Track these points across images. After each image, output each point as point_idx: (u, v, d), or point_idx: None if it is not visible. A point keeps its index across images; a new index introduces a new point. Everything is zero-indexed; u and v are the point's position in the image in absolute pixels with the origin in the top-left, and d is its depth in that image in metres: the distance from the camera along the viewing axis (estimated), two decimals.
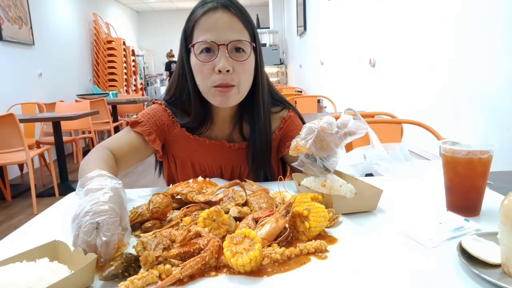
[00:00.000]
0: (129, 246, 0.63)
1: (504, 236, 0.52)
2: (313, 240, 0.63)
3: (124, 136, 1.02)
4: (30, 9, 5.03)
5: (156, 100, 1.10)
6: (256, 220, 0.69)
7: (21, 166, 4.55)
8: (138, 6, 10.39)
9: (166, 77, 10.04)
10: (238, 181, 0.86)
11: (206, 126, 1.06)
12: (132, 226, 0.70)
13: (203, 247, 0.58)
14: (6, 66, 4.54)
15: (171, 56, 9.83)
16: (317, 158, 0.81)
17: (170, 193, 0.82)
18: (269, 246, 0.62)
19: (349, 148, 1.42)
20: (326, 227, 0.70)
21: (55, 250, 0.60)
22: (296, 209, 0.67)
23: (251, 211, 0.75)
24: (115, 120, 5.91)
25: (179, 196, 0.83)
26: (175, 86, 1.06)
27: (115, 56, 7.50)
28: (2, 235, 2.73)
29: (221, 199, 0.78)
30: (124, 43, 7.86)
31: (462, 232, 0.65)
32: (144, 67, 10.15)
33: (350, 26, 3.75)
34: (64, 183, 3.78)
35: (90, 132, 4.85)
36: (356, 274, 0.55)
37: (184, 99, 1.04)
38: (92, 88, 7.00)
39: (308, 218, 0.65)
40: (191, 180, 0.88)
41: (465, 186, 0.74)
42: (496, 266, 0.54)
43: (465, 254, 0.56)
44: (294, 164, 0.84)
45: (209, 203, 0.77)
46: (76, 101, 5.59)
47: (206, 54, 0.94)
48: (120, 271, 0.54)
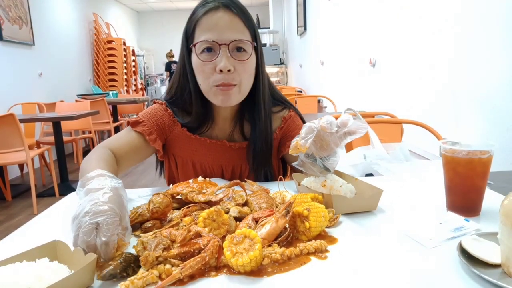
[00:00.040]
0: (129, 246, 0.63)
1: (504, 236, 0.52)
2: (313, 240, 0.63)
3: (125, 136, 1.02)
4: (30, 9, 5.03)
5: (157, 100, 1.10)
6: (256, 220, 0.69)
7: (21, 166, 4.55)
8: (138, 6, 10.39)
9: (166, 77, 10.04)
10: (238, 181, 0.86)
11: (207, 125, 1.06)
12: (132, 226, 0.70)
13: (203, 247, 0.58)
14: (6, 66, 4.54)
15: (171, 56, 9.83)
16: (317, 157, 0.81)
17: (170, 193, 0.82)
18: (269, 246, 0.62)
19: (349, 148, 1.42)
20: (326, 227, 0.70)
21: (55, 250, 0.60)
22: (296, 209, 0.67)
23: (251, 211, 0.75)
24: (115, 120, 5.91)
25: (179, 196, 0.83)
26: (176, 85, 1.06)
27: (115, 56, 7.50)
28: (2, 235, 2.73)
29: (221, 199, 0.78)
30: (124, 43, 7.86)
31: (462, 232, 0.65)
32: (144, 67, 10.15)
33: (350, 26, 3.75)
34: (64, 183, 3.78)
35: (90, 132, 4.85)
36: (356, 274, 0.55)
37: (185, 98, 1.04)
38: (92, 88, 7.00)
39: (308, 218, 0.65)
40: (191, 180, 0.88)
41: (465, 186, 0.74)
42: (496, 266, 0.54)
43: (465, 254, 0.56)
44: (294, 164, 0.84)
45: (209, 203, 0.77)
46: (76, 101, 5.59)
47: (207, 54, 0.94)
48: (118, 271, 0.54)
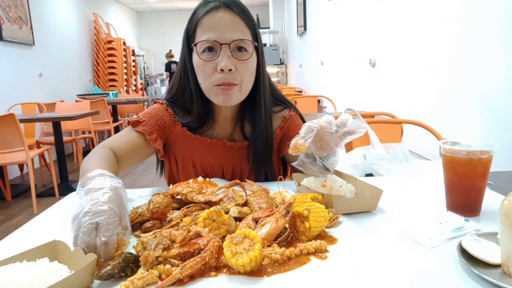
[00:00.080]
0: (129, 245, 0.63)
1: (504, 236, 0.52)
2: (313, 240, 0.63)
3: (125, 136, 1.02)
4: (30, 9, 5.03)
5: (157, 99, 1.10)
6: (256, 220, 0.69)
7: (21, 166, 4.55)
8: (138, 6, 10.39)
9: (166, 77, 10.03)
10: (238, 181, 0.86)
11: (207, 125, 1.06)
12: (132, 226, 0.70)
13: (203, 247, 0.58)
14: (6, 66, 4.54)
15: (171, 56, 9.82)
16: (316, 157, 0.81)
17: (170, 193, 0.82)
18: (269, 246, 0.62)
19: (349, 148, 1.42)
20: (326, 227, 0.70)
21: (55, 250, 0.60)
22: (296, 209, 0.67)
23: (251, 211, 0.75)
24: (115, 120, 5.91)
25: (179, 196, 0.83)
26: (177, 85, 1.06)
27: (115, 56, 7.50)
28: (2, 235, 2.73)
29: (221, 199, 0.78)
30: (124, 43, 7.86)
31: (462, 232, 0.65)
32: (144, 67, 10.14)
33: (350, 26, 3.75)
34: (64, 183, 3.78)
35: (90, 132, 4.85)
36: (356, 274, 0.55)
37: (186, 98, 1.04)
38: (92, 88, 7.00)
39: (308, 218, 0.65)
40: (191, 180, 0.88)
41: (465, 186, 0.74)
42: (496, 266, 0.54)
43: (465, 254, 0.56)
44: (294, 164, 0.84)
45: (209, 203, 0.77)
46: (76, 101, 5.60)
47: (208, 53, 0.94)
48: (116, 271, 0.54)
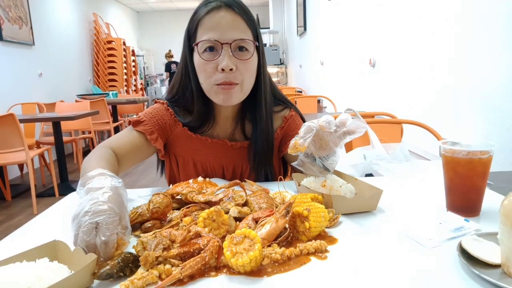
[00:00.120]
0: (129, 245, 0.63)
1: (504, 236, 0.52)
2: (313, 240, 0.63)
3: (126, 135, 1.02)
4: (30, 9, 5.03)
5: (158, 99, 1.10)
6: (256, 220, 0.69)
7: (21, 166, 4.55)
8: (138, 6, 10.39)
9: (166, 77, 10.02)
10: (238, 181, 0.86)
11: (208, 125, 1.06)
12: (132, 226, 0.70)
13: (203, 247, 0.58)
14: (6, 66, 4.54)
15: (170, 56, 9.80)
16: (316, 157, 0.81)
17: (170, 193, 0.82)
18: (269, 246, 0.62)
19: (349, 148, 1.42)
20: (326, 227, 0.70)
21: (55, 250, 0.60)
22: (296, 209, 0.67)
23: (251, 211, 0.75)
24: (115, 120, 5.91)
25: (179, 196, 0.83)
26: (178, 85, 1.06)
27: (115, 56, 7.50)
28: (2, 235, 2.73)
29: (221, 199, 0.78)
30: (124, 43, 7.86)
31: (462, 232, 0.65)
32: (144, 67, 10.14)
33: (350, 26, 3.75)
34: (64, 183, 3.78)
35: (90, 132, 4.85)
36: (356, 274, 0.55)
37: (187, 98, 1.04)
38: (92, 88, 7.00)
39: (308, 218, 0.65)
40: (191, 180, 0.88)
41: (465, 186, 0.74)
42: (496, 266, 0.54)
43: (465, 254, 0.56)
44: (294, 164, 0.84)
45: (209, 203, 0.77)
46: (76, 101, 5.60)
47: (209, 53, 0.94)
48: (115, 271, 0.54)
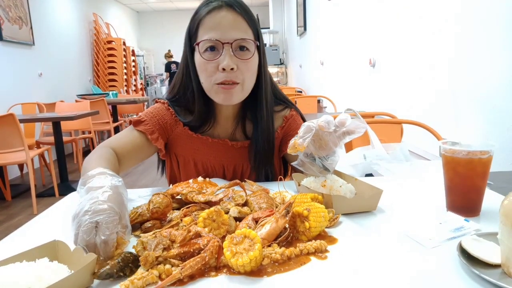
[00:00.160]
0: (129, 245, 0.63)
1: (504, 236, 0.52)
2: (313, 240, 0.63)
3: (127, 135, 1.02)
4: (30, 9, 5.03)
5: (159, 99, 1.10)
6: (256, 220, 0.69)
7: (21, 166, 4.55)
8: (138, 6, 10.39)
9: (166, 78, 10.02)
10: (238, 181, 0.86)
11: (209, 124, 1.06)
12: (132, 226, 0.70)
13: (203, 247, 0.58)
14: (6, 66, 4.54)
15: (170, 56, 9.79)
16: (316, 157, 0.81)
17: (170, 193, 0.82)
18: (269, 246, 0.62)
19: (349, 148, 1.42)
20: (326, 227, 0.70)
21: (55, 250, 0.60)
22: (296, 209, 0.67)
23: (251, 211, 0.75)
24: (115, 120, 5.91)
25: (179, 196, 0.83)
26: (179, 84, 1.06)
27: (115, 56, 7.50)
28: (2, 235, 2.73)
29: (221, 199, 0.78)
30: (124, 43, 7.86)
31: (462, 232, 0.65)
32: (144, 67, 10.14)
33: (350, 26, 3.75)
34: (64, 183, 3.78)
35: (90, 132, 4.85)
36: (356, 274, 0.55)
37: (188, 97, 1.04)
38: (92, 88, 7.00)
39: (308, 218, 0.65)
40: (191, 180, 0.88)
41: (465, 186, 0.74)
42: (496, 266, 0.54)
43: (465, 254, 0.56)
44: (294, 164, 0.84)
45: (209, 203, 0.77)
46: (76, 101, 5.60)
47: (210, 53, 0.94)
48: (115, 271, 0.54)
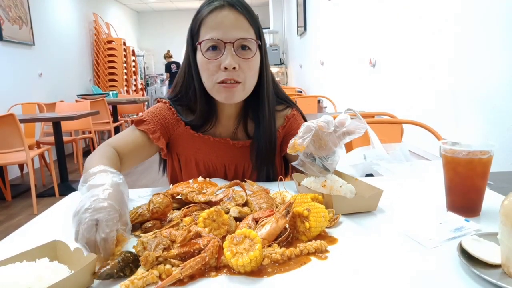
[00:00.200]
0: (129, 244, 0.63)
1: (504, 237, 0.52)
2: (313, 240, 0.63)
3: (128, 134, 1.03)
4: (30, 9, 5.03)
5: (160, 98, 1.11)
6: (256, 220, 0.69)
7: (21, 166, 4.55)
8: (138, 6, 10.39)
9: (166, 78, 10.01)
10: (238, 181, 0.86)
11: (210, 123, 1.06)
12: (133, 226, 0.70)
13: (203, 247, 0.58)
14: (6, 66, 4.54)
15: (169, 57, 9.77)
16: (316, 157, 0.81)
17: (170, 193, 0.82)
18: (269, 246, 0.62)
19: (349, 148, 1.42)
20: (326, 227, 0.70)
21: (55, 250, 0.60)
22: (296, 209, 0.67)
23: (251, 211, 0.75)
24: (115, 120, 5.91)
25: (179, 196, 0.83)
26: (181, 83, 1.06)
27: (115, 56, 7.50)
28: (2, 235, 2.73)
29: (221, 199, 0.78)
30: (124, 43, 7.86)
31: (462, 233, 0.65)
32: (144, 67, 10.14)
33: (350, 26, 3.75)
34: (64, 183, 3.78)
35: (90, 132, 4.85)
36: (356, 275, 0.55)
37: (190, 96, 1.05)
38: (92, 88, 7.00)
39: (308, 218, 0.65)
40: (191, 180, 0.88)
41: (465, 186, 0.74)
42: (496, 266, 0.54)
43: (465, 254, 0.56)
44: (294, 164, 0.84)
45: (209, 203, 0.77)
46: (76, 101, 5.59)
47: (212, 52, 0.94)
48: (115, 271, 0.54)
